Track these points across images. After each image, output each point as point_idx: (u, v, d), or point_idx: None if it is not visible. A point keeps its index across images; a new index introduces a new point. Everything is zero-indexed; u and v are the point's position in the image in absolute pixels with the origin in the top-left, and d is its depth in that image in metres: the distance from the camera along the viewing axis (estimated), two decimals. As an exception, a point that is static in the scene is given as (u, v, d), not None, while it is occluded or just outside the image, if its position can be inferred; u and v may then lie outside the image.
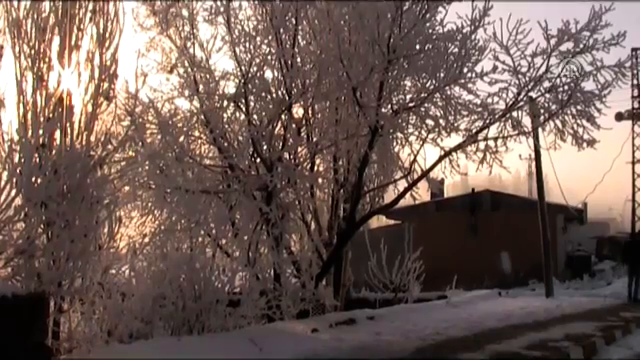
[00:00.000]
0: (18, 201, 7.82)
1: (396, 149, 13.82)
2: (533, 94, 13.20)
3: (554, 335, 11.46)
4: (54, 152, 8.13)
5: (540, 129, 14.08)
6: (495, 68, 12.50)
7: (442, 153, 13.31)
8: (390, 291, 18.99)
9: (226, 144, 12.69)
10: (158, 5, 12.96)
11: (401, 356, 9.22)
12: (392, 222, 34.47)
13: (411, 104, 12.80)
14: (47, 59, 8.25)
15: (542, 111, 13.29)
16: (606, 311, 16.25)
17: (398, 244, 19.30)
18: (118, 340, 9.07)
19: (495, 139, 13.26)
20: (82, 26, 8.49)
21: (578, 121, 13.17)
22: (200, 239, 12.18)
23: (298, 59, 12.77)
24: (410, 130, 13.43)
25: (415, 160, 13.46)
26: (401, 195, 13.81)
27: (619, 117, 36.62)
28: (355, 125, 12.69)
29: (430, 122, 13.05)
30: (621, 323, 13.64)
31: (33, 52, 8.19)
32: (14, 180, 7.71)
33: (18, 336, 6.94)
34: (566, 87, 12.98)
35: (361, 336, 10.82)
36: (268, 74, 12.72)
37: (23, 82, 8.16)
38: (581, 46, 12.75)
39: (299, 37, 12.95)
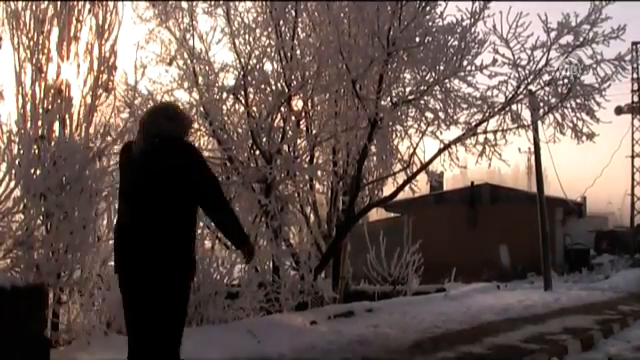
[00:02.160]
0: (17, 192, 7.82)
1: (395, 142, 13.84)
2: (533, 87, 13.21)
3: (552, 328, 11.48)
4: (53, 144, 8.12)
5: (539, 122, 14.09)
6: (495, 61, 12.49)
7: (441, 146, 13.32)
8: (389, 284, 19.01)
9: (225, 136, 12.69)
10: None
11: (399, 349, 9.24)
12: (391, 215, 34.55)
13: (410, 97, 12.80)
14: (46, 50, 8.22)
15: (542, 104, 13.30)
16: (604, 305, 16.27)
17: (397, 237, 19.33)
18: (117, 331, 9.08)
19: (494, 132, 13.27)
20: (81, 17, 8.47)
21: (578, 114, 13.18)
22: (199, 231, 12.18)
23: (298, 51, 12.76)
24: (409, 123, 13.44)
25: (414, 153, 13.47)
26: (400, 188, 13.82)
27: (619, 111, 36.73)
28: (354, 117, 12.69)
29: (429, 115, 13.05)
30: (619, 316, 13.67)
31: (32, 43, 8.16)
32: (13, 172, 7.71)
33: (17, 328, 6.95)
34: (566, 80, 12.98)
35: (359, 328, 10.84)
36: (268, 66, 12.73)
37: (22, 74, 8.14)
38: (581, 39, 12.74)
39: (299, 29, 12.94)
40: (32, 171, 7.87)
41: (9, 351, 6.83)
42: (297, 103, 13.06)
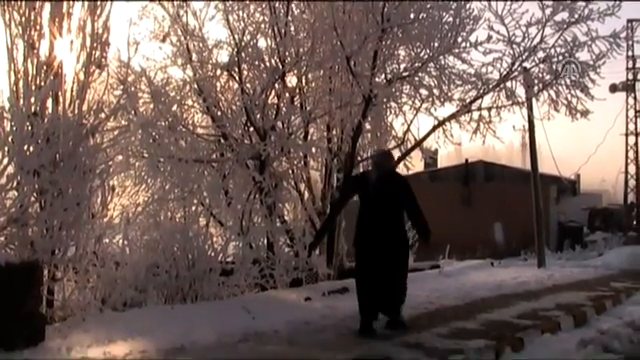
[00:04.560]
0: (10, 169, 7.79)
1: (390, 118, 13.87)
2: (527, 64, 13.21)
3: (545, 304, 11.54)
4: (46, 120, 8.08)
5: (534, 99, 14.09)
6: (489, 38, 12.50)
7: (436, 123, 13.33)
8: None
9: (219, 113, 12.67)
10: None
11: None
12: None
13: (405, 73, 12.79)
14: (38, 27, 8.16)
15: (536, 81, 13.29)
16: (597, 282, 16.33)
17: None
18: (112, 308, 9.10)
19: (489, 109, 13.30)
20: (73, -7, 8.41)
21: (572, 92, 13.19)
22: (193, 208, 12.20)
23: (292, 28, 12.72)
24: (404, 99, 13.45)
25: (409, 130, 13.50)
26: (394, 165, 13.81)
27: (613, 89, 36.69)
28: (349, 94, 12.68)
29: (424, 91, 13.06)
30: (611, 293, 13.73)
31: (24, 20, 8.10)
32: (6, 148, 7.68)
33: (12, 304, 6.96)
34: (560, 57, 12.97)
35: (354, 305, 10.79)
36: (261, 43, 12.70)
37: (14, 50, 8.09)
38: (576, 16, 12.72)
39: (293, 5, 12.88)
40: (25, 148, 7.84)
41: (4, 327, 6.85)
42: (291, 80, 13.04)
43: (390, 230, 8.47)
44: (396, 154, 13.73)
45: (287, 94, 12.80)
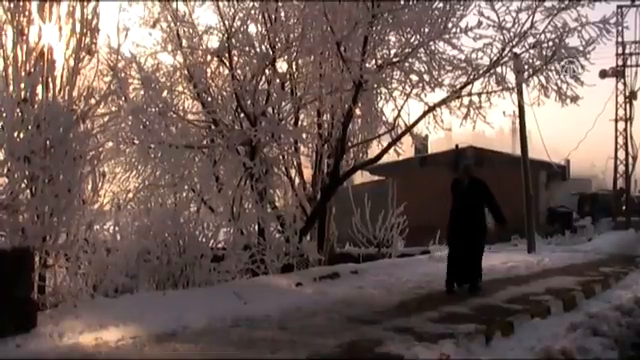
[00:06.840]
0: (0, 156, 7.79)
1: (380, 104, 13.82)
2: (517, 50, 13.19)
3: (535, 289, 11.62)
4: (36, 106, 8.06)
5: (524, 85, 14.09)
6: (480, 23, 12.44)
7: (426, 108, 13.32)
8: (374, 246, 19.12)
9: (210, 99, 12.65)
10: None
11: (384, 309, 9.33)
12: (376, 178, 34.52)
13: (395, 59, 12.76)
14: (27, 12, 8.13)
15: (526, 67, 13.29)
16: (586, 266, 16.44)
17: (382, 200, 19.41)
18: (103, 294, 9.13)
19: (479, 95, 13.28)
20: (63, -21, 8.36)
21: (562, 77, 13.18)
22: (184, 194, 12.20)
23: (282, 13, 12.69)
24: (394, 85, 13.40)
25: (399, 115, 13.47)
26: (385, 150, 13.83)
27: (603, 74, 36.76)
28: (339, 80, 12.66)
29: (414, 77, 13.02)
30: (600, 278, 13.83)
31: (12, 5, 8.06)
32: (-4, 135, 7.67)
33: (3, 290, 6.97)
34: (550, 43, 12.97)
35: (345, 290, 10.93)
36: (252, 28, 12.67)
37: (3, 36, 8.05)
38: (566, 2, 12.71)
39: (283, -9, 12.85)
40: (16, 134, 7.82)
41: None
42: (281, 65, 13.04)
43: (475, 220, 11.15)
44: (386, 140, 13.80)
45: (277, 80, 12.79)
